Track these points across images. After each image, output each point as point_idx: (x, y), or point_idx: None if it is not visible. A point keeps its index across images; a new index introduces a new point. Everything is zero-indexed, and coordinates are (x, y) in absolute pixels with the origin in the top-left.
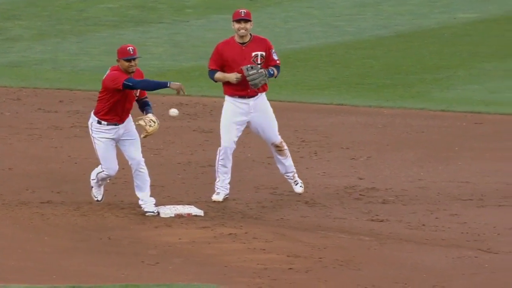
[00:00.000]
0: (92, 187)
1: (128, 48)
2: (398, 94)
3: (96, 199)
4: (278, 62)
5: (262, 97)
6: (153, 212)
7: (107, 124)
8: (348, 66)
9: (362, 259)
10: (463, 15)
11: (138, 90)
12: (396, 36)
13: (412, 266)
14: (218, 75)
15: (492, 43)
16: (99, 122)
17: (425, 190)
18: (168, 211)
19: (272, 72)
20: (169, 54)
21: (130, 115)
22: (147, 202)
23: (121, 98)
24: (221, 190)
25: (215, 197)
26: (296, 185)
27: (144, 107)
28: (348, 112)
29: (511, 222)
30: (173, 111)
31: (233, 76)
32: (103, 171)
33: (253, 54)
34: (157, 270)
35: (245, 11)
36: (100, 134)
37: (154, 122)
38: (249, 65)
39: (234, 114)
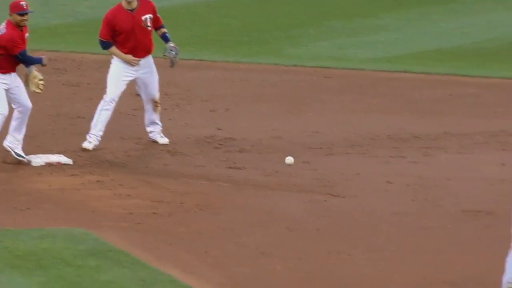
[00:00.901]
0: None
1: (21, 3)
2: (254, 50)
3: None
4: (162, 21)
5: (149, 57)
6: (23, 157)
7: (2, 74)
8: (207, 25)
9: (221, 204)
10: None
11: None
12: None
13: (267, 210)
14: (114, 50)
15: (339, 3)
16: None
17: (279, 139)
18: (38, 160)
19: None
20: (39, 12)
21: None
22: (19, 145)
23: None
24: (93, 139)
25: (85, 145)
26: (162, 138)
27: None
28: (207, 67)
29: (358, 169)
30: (289, 160)
31: (129, 59)
32: None
33: (143, 18)
34: (29, 215)
35: None
36: None
37: (42, 80)
38: (170, 49)
39: (123, 71)
